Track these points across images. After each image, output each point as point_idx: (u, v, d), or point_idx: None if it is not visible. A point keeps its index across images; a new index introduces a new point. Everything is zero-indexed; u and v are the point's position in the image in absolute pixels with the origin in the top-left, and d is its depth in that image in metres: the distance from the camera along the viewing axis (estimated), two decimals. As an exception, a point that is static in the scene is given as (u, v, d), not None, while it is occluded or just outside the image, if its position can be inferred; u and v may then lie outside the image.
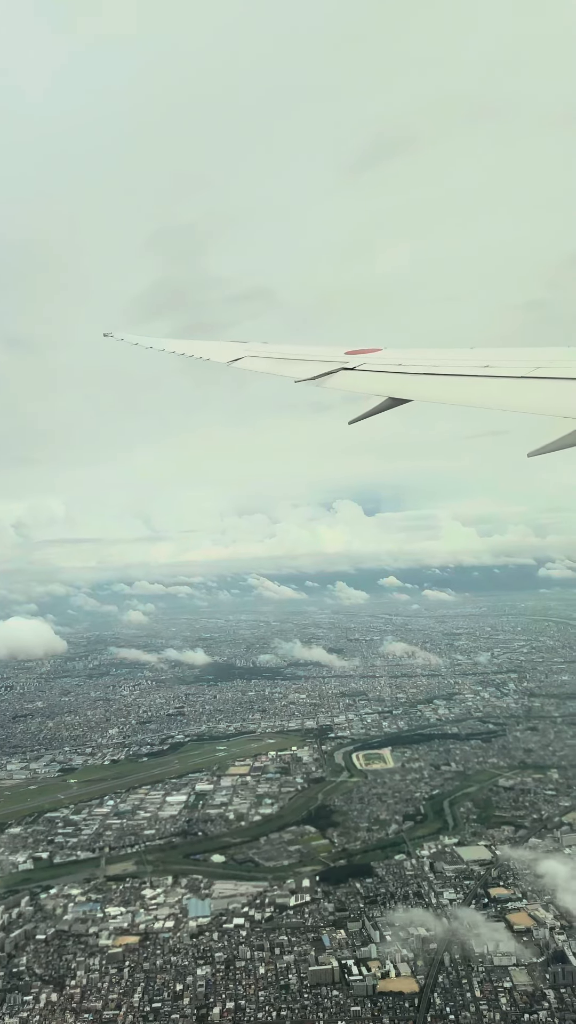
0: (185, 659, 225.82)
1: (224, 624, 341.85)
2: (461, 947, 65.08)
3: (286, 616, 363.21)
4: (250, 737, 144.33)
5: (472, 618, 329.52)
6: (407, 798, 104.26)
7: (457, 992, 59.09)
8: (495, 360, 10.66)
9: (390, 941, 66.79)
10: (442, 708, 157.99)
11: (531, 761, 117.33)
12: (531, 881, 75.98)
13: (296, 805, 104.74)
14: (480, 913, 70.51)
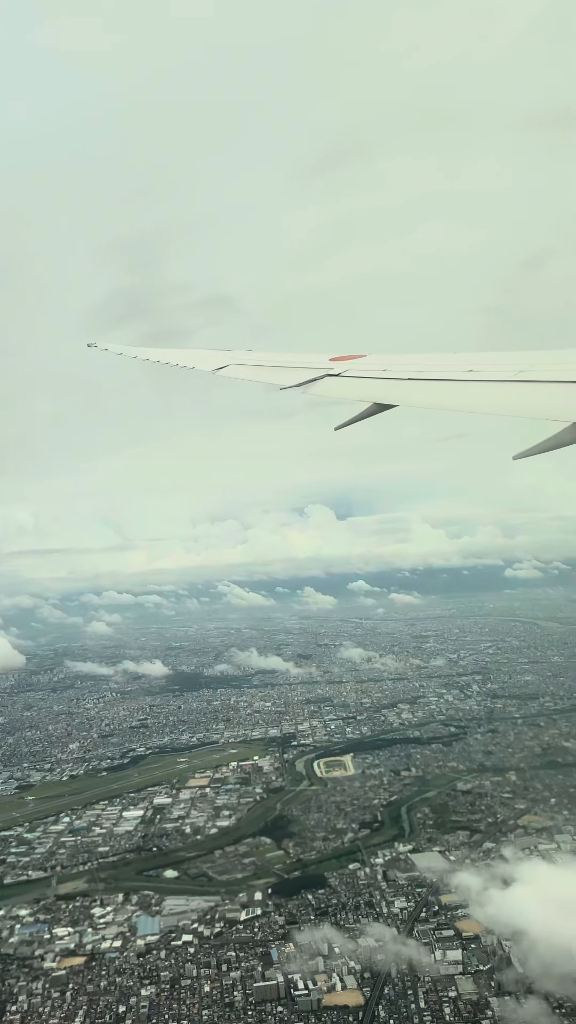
0: (143, 671, 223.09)
1: (191, 633, 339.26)
2: (409, 957, 64.62)
3: (255, 623, 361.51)
4: (212, 748, 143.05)
5: (441, 620, 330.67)
6: (365, 805, 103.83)
7: (402, 1004, 58.58)
8: (479, 365, 10.72)
9: (339, 953, 66.17)
10: (406, 712, 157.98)
11: (490, 764, 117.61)
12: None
13: (254, 816, 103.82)
14: (430, 922, 70.09)
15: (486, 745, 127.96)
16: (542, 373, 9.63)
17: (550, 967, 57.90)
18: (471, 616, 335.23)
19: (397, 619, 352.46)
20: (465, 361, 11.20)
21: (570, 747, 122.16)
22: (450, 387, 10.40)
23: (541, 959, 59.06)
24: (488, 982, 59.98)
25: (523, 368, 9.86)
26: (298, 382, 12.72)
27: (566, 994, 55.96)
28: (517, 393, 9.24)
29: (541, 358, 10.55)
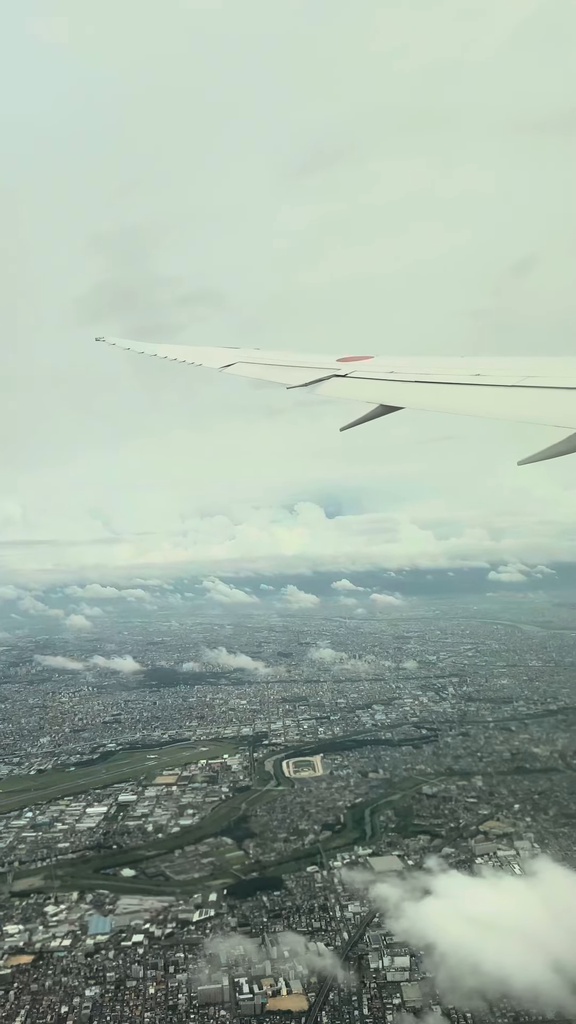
0: (116, 666, 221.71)
1: (173, 628, 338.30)
2: (357, 962, 64.25)
3: (239, 620, 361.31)
4: (183, 745, 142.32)
5: (424, 621, 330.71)
6: (330, 807, 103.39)
7: (346, 1010, 58.14)
8: (485, 369, 10.79)
9: (287, 957, 65.71)
10: (379, 713, 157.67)
11: (458, 768, 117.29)
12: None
13: (218, 816, 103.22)
14: (380, 928, 69.65)
15: (456, 749, 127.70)
16: (548, 379, 9.74)
17: (457, 981, 57.48)
18: (454, 618, 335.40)
19: (381, 619, 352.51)
20: (472, 365, 11.29)
21: (539, 753, 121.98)
22: (457, 391, 10.45)
23: (449, 973, 58.60)
24: (434, 989, 59.56)
25: (529, 374, 9.92)
26: (305, 382, 12.76)
27: (470, 1008, 55.58)
28: (523, 398, 9.33)
29: (547, 364, 10.74)
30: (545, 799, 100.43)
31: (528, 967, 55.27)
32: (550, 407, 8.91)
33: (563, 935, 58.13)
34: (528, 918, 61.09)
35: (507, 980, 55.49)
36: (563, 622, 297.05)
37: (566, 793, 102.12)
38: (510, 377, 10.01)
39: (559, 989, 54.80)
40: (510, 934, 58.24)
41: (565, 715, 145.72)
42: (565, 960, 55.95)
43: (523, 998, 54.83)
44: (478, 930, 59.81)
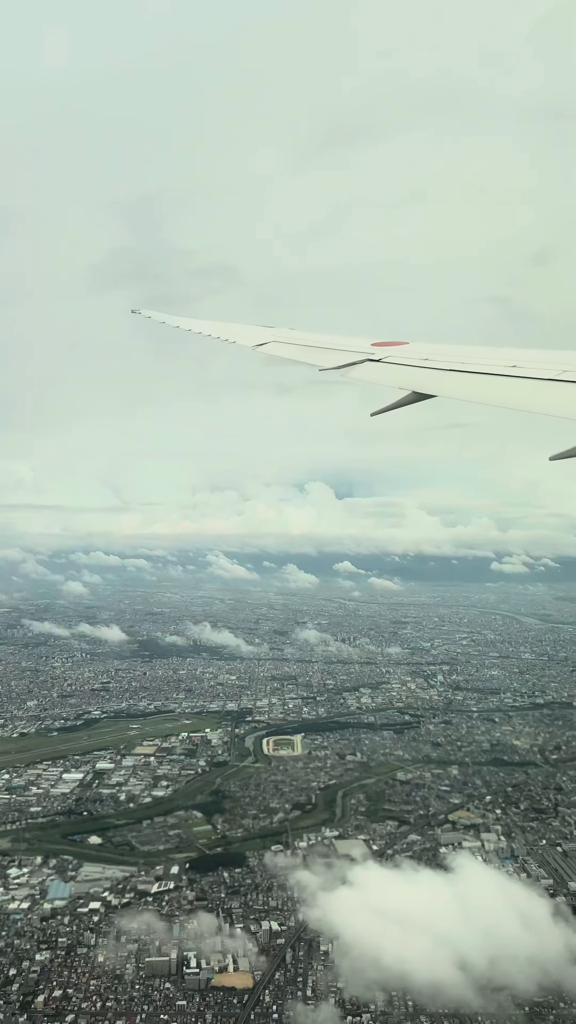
0: (100, 635, 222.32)
1: (172, 600, 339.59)
2: (308, 944, 64.39)
3: (238, 596, 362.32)
4: (167, 717, 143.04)
5: (424, 607, 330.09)
6: (303, 787, 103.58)
7: (290, 990, 58.30)
8: (522, 360, 10.68)
9: (239, 934, 65.94)
10: (365, 697, 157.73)
11: (436, 755, 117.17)
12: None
13: (191, 789, 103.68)
14: (336, 909, 69.60)
15: (436, 736, 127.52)
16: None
17: (359, 972, 57.49)
18: (454, 606, 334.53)
19: (381, 603, 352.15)
20: (508, 356, 11.14)
21: (519, 745, 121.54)
22: (492, 381, 10.33)
23: (352, 964, 58.61)
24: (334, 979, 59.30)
25: (567, 368, 9.79)
26: (338, 365, 12.76)
27: (367, 999, 55.51)
28: (560, 392, 9.17)
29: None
30: (518, 792, 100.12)
31: (431, 963, 55.06)
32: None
33: (472, 933, 57.88)
34: (440, 914, 60.82)
35: (408, 975, 55.23)
36: (562, 616, 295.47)
37: (540, 787, 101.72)
38: (547, 370, 9.89)
39: (463, 986, 54.61)
40: (417, 928, 57.93)
41: (551, 709, 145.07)
42: (471, 958, 55.72)
43: (423, 993, 54.63)
44: (385, 923, 59.54)
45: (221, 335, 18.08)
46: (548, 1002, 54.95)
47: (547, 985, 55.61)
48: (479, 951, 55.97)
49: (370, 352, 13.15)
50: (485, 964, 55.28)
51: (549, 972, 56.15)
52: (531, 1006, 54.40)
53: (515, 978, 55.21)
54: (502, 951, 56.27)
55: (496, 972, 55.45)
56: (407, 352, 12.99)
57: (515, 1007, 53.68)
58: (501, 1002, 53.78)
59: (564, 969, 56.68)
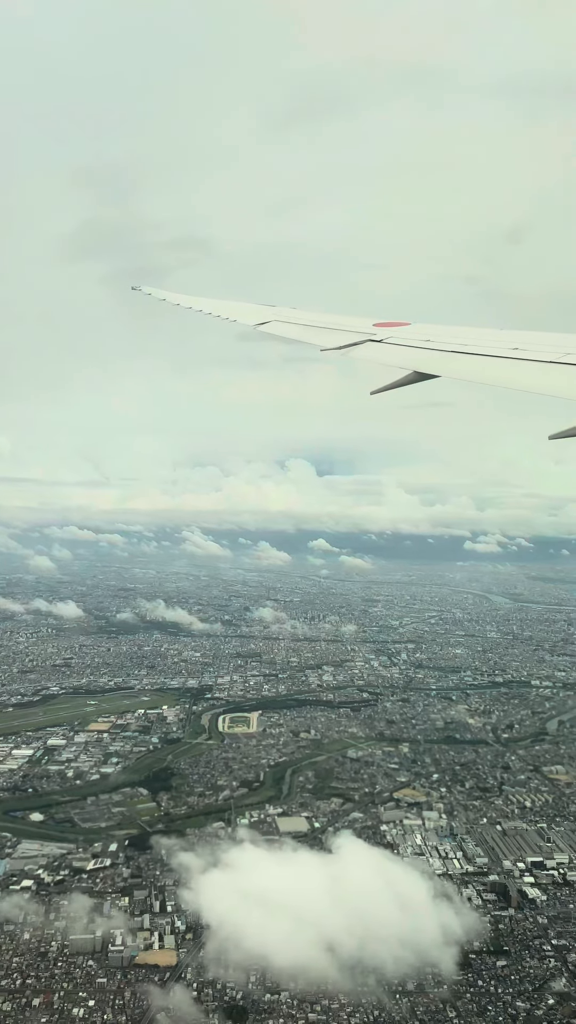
0: (56, 611, 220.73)
1: (145, 576, 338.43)
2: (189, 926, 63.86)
3: (214, 573, 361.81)
4: (127, 693, 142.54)
5: (397, 586, 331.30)
6: (253, 764, 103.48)
7: (211, 968, 58.11)
8: (523, 343, 10.83)
9: (169, 911, 65.75)
10: (327, 674, 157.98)
11: (389, 733, 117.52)
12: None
13: (141, 766, 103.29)
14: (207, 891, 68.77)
15: (392, 715, 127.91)
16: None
17: (222, 954, 57.44)
18: (427, 585, 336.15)
19: (355, 581, 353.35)
20: (509, 338, 11.32)
21: (472, 724, 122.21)
22: (494, 363, 10.45)
23: (217, 946, 58.55)
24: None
25: (569, 350, 9.91)
26: (340, 345, 12.86)
27: (227, 981, 55.36)
28: (562, 374, 9.33)
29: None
30: (465, 771, 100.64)
31: (296, 944, 55.06)
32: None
33: (343, 915, 57.97)
34: (312, 896, 60.76)
35: (269, 956, 55.19)
36: (533, 595, 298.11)
37: (488, 766, 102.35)
38: (549, 353, 10.03)
39: (328, 968, 54.59)
40: (284, 910, 57.87)
41: (508, 688, 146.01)
42: (339, 940, 55.79)
43: (284, 973, 54.52)
44: (252, 905, 59.45)
45: (222, 313, 18.08)
46: (418, 984, 54.88)
47: (419, 966, 55.66)
48: (349, 933, 55.87)
49: (372, 333, 13.29)
50: (354, 946, 55.21)
51: (423, 954, 56.22)
52: (400, 987, 54.25)
53: (384, 960, 55.17)
54: (374, 933, 56.27)
55: (365, 954, 55.36)
56: (409, 333, 13.13)
57: (382, 988, 53.55)
58: (368, 983, 53.75)
59: (438, 951, 56.76)
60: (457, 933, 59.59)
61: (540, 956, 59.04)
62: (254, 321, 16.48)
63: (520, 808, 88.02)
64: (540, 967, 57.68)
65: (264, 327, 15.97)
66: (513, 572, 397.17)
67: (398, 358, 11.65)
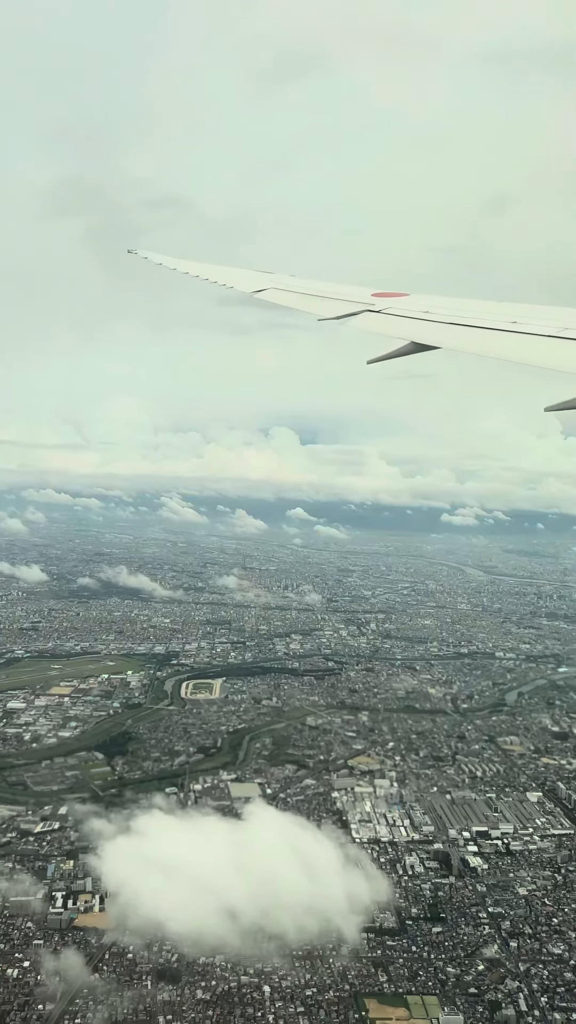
0: (18, 573, 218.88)
1: (119, 541, 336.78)
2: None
3: (191, 540, 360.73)
4: (92, 658, 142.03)
5: (374, 556, 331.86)
6: (212, 730, 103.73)
7: (145, 931, 58.29)
8: (521, 316, 10.91)
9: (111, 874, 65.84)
10: (295, 643, 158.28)
11: (350, 702, 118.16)
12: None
13: (99, 730, 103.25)
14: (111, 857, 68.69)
15: (355, 683, 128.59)
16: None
17: (123, 920, 57.69)
18: (404, 556, 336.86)
19: (332, 551, 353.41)
20: (508, 311, 11.41)
21: (433, 694, 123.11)
22: (493, 336, 10.48)
23: (120, 911, 58.76)
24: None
25: (568, 325, 10.02)
26: (337, 314, 12.84)
27: (124, 945, 55.78)
28: (560, 348, 9.41)
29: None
30: (421, 739, 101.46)
31: (197, 911, 55.40)
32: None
33: (248, 882, 58.35)
34: (217, 863, 61.07)
35: (165, 922, 55.41)
36: (507, 569, 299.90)
37: (443, 735, 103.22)
38: (547, 327, 10.10)
39: (229, 934, 54.94)
40: (187, 877, 58.14)
41: (472, 659, 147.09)
42: (242, 907, 56.17)
43: (183, 940, 54.83)
44: (155, 871, 59.72)
45: (218, 279, 17.94)
46: (321, 950, 55.24)
47: (324, 933, 56.12)
48: (252, 900, 56.20)
49: (370, 303, 13.25)
50: (256, 913, 55.58)
51: (329, 921, 56.61)
52: (303, 954, 54.59)
53: (287, 927, 55.51)
54: (279, 900, 56.66)
55: (268, 921, 55.67)
56: (407, 304, 13.12)
57: (282, 955, 53.93)
58: (269, 950, 54.13)
59: (344, 918, 57.19)
60: (365, 901, 59.92)
61: (475, 923, 59.88)
62: (251, 288, 16.44)
63: (471, 778, 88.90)
64: (474, 934, 58.51)
65: (261, 294, 15.95)
66: (489, 545, 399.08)
67: (397, 329, 11.67)
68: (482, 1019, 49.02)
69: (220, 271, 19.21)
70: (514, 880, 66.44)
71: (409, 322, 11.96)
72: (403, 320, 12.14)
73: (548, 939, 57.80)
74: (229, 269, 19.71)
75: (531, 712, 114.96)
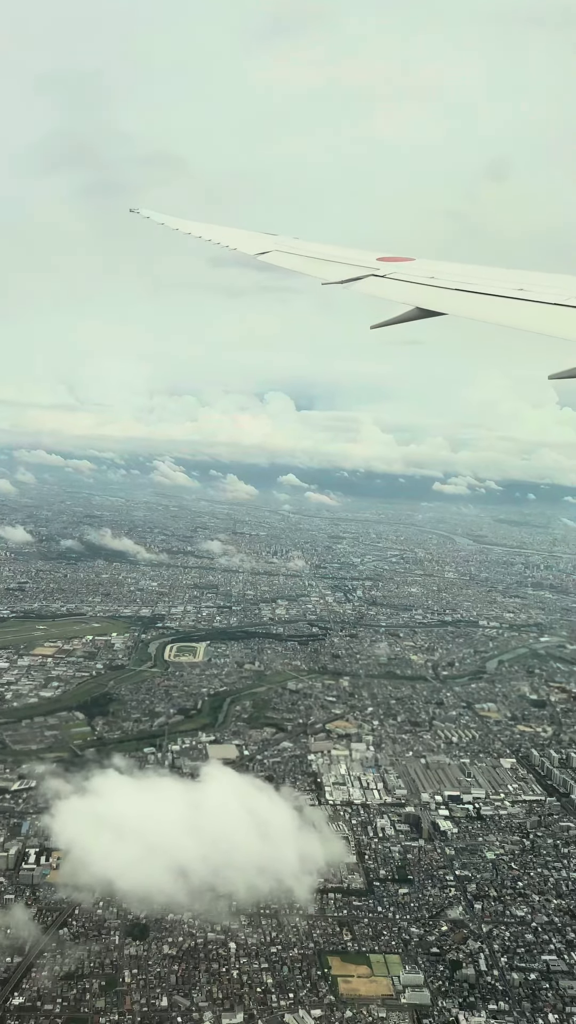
0: (5, 535, 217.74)
1: (109, 503, 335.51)
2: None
3: (183, 504, 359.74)
4: (78, 619, 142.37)
5: (365, 524, 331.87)
6: (194, 692, 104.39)
7: (61, 890, 58.41)
8: (528, 284, 10.86)
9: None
10: (281, 608, 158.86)
11: (332, 667, 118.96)
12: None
13: (81, 691, 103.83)
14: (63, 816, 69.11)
15: (338, 649, 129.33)
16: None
17: (73, 877, 58.22)
18: (395, 524, 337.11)
19: (324, 517, 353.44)
20: (514, 278, 11.37)
21: (414, 660, 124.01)
22: (499, 303, 10.47)
23: (71, 868, 59.27)
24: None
25: (575, 293, 10.02)
26: (342, 279, 12.77)
27: (73, 901, 56.22)
28: (567, 317, 9.34)
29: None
30: (400, 705, 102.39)
31: (147, 870, 56.08)
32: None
33: (200, 842, 59.05)
34: (171, 823, 61.66)
35: (114, 880, 55.95)
36: (496, 538, 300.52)
37: (422, 701, 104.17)
38: (554, 295, 10.05)
39: (178, 893, 55.60)
40: (139, 837, 58.74)
41: (456, 627, 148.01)
42: (193, 866, 56.89)
43: (129, 897, 55.40)
44: (106, 831, 60.32)
45: (222, 241, 17.78)
46: (271, 909, 56.01)
47: (276, 893, 56.88)
48: (203, 860, 56.92)
49: (375, 267, 13.12)
50: (207, 872, 56.32)
51: (281, 881, 57.35)
52: (253, 912, 55.36)
53: (238, 886, 56.28)
54: (231, 860, 57.43)
55: (219, 880, 56.37)
56: (413, 269, 13.00)
57: (232, 913, 54.79)
58: (218, 908, 54.90)
59: (296, 879, 57.92)
60: (318, 863, 60.66)
61: (442, 886, 60.83)
62: (255, 250, 16.30)
63: (447, 743, 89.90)
64: (440, 896, 59.47)
65: (265, 257, 15.80)
66: (480, 515, 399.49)
67: (402, 294, 11.55)
68: (442, 978, 49.96)
69: (223, 232, 19.07)
70: (483, 844, 67.47)
71: (415, 287, 11.92)
72: (409, 285, 12.09)
73: (512, 902, 58.83)
74: (232, 230, 19.54)
75: (510, 680, 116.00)
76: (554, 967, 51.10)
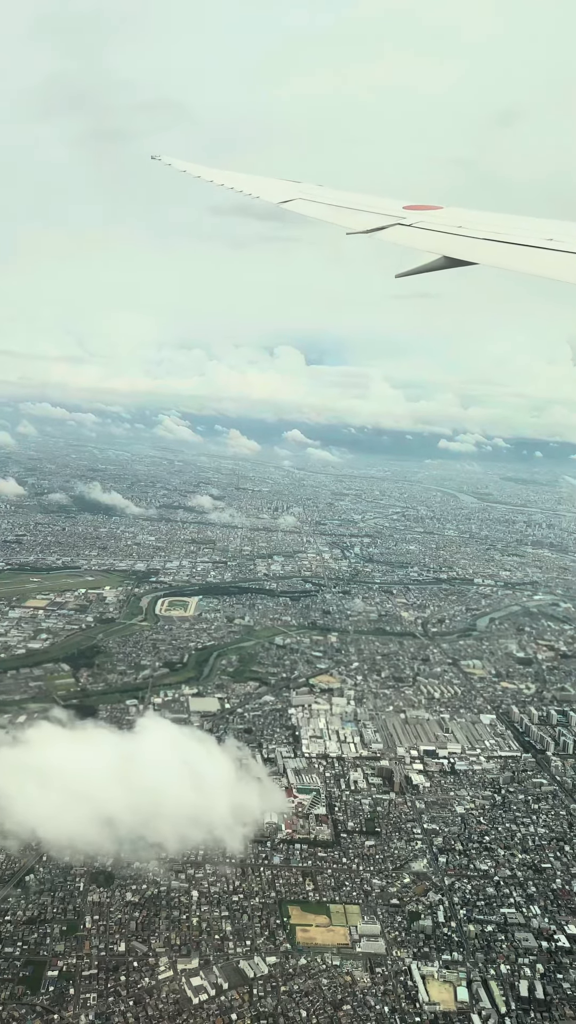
0: (5, 488, 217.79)
1: (113, 457, 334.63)
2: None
3: (187, 459, 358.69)
4: (72, 572, 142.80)
5: (370, 480, 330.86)
6: (181, 646, 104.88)
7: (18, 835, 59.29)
8: (557, 234, 10.70)
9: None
10: (276, 564, 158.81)
11: (322, 623, 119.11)
12: None
13: (69, 643, 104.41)
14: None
15: (329, 605, 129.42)
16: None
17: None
18: (399, 481, 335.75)
19: (328, 474, 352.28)
20: (543, 228, 11.30)
21: (405, 617, 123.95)
22: (528, 252, 10.36)
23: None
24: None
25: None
26: (367, 228, 12.64)
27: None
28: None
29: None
30: (386, 661, 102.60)
31: (74, 819, 56.39)
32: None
33: (133, 793, 59.29)
34: (104, 774, 61.81)
35: (37, 827, 56.31)
36: (502, 496, 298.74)
37: (408, 658, 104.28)
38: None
39: (106, 841, 56.06)
40: (68, 787, 58.91)
41: (451, 585, 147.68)
42: (123, 816, 57.20)
43: (54, 846, 55.88)
44: (35, 781, 60.52)
45: (245, 189, 17.50)
46: (200, 858, 56.56)
47: (207, 843, 57.48)
48: (134, 810, 57.28)
49: (402, 216, 13.01)
50: (137, 822, 56.73)
51: (212, 831, 57.87)
52: (182, 862, 55.95)
53: (168, 836, 56.80)
54: (163, 811, 57.79)
55: (149, 830, 56.76)
56: (440, 217, 12.88)
57: (160, 862, 55.40)
58: (146, 856, 55.43)
59: (228, 830, 58.39)
60: (254, 814, 61.18)
61: (409, 838, 61.26)
62: (278, 199, 16.01)
63: (428, 699, 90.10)
64: (406, 849, 59.92)
65: (288, 205, 15.55)
66: (486, 472, 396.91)
67: (429, 243, 11.35)
68: (399, 928, 50.49)
69: (246, 180, 18.58)
70: (454, 799, 67.81)
71: (442, 237, 11.72)
72: (436, 235, 11.92)
73: (477, 855, 59.22)
74: (255, 178, 19.14)
75: (499, 637, 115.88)
76: (511, 919, 51.55)
